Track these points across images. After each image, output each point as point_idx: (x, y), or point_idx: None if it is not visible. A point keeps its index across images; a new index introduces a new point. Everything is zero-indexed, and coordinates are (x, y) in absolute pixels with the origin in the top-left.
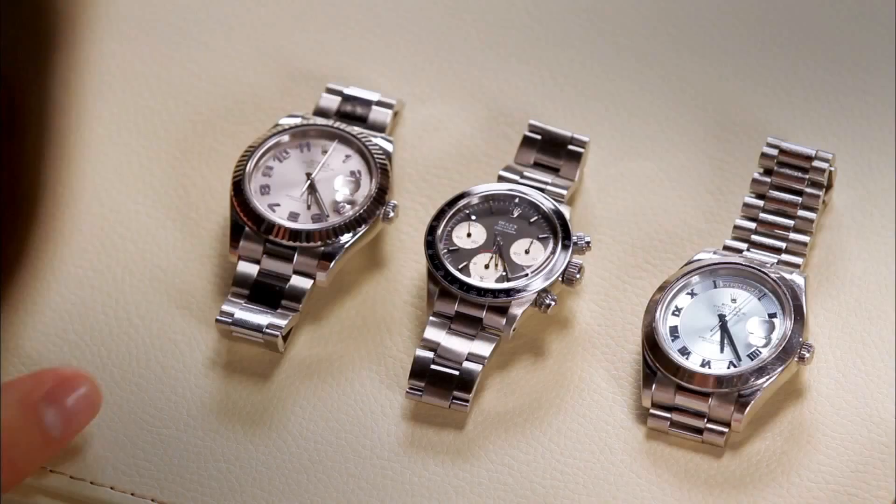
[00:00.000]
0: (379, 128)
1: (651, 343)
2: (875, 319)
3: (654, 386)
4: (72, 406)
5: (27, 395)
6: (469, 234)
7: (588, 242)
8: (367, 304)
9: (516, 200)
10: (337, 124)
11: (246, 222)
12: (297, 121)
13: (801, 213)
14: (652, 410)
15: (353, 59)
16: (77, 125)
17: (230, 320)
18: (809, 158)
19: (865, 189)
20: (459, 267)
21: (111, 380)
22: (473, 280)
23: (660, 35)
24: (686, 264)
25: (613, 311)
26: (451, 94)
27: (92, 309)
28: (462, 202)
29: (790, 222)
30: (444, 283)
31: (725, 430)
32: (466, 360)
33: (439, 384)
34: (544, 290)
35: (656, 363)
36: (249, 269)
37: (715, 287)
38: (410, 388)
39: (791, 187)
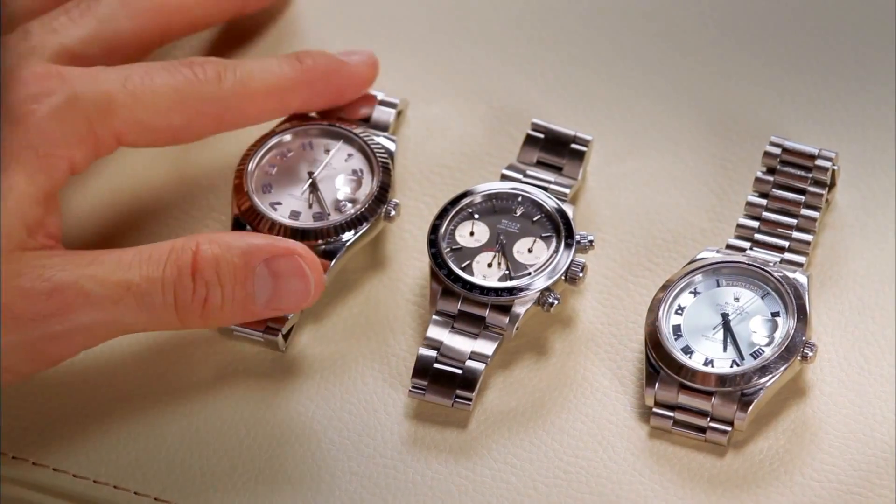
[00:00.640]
0: (382, 127)
1: (654, 342)
2: (878, 318)
3: (657, 385)
4: (286, 287)
5: (253, 251)
6: (472, 233)
7: (591, 241)
8: (370, 303)
9: (519, 199)
10: (339, 123)
11: (247, 221)
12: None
13: (804, 211)
14: (655, 409)
15: None
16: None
17: None
18: (812, 157)
19: (868, 188)
20: (462, 265)
21: (113, 379)
22: (476, 279)
23: (663, 34)
24: (689, 263)
25: (616, 309)
26: (455, 93)
27: None
28: (465, 201)
29: (793, 221)
30: (446, 281)
31: (728, 428)
32: (469, 358)
33: (442, 383)
34: (547, 289)
35: (659, 362)
36: None
37: (718, 286)
38: (413, 387)
39: (794, 186)
